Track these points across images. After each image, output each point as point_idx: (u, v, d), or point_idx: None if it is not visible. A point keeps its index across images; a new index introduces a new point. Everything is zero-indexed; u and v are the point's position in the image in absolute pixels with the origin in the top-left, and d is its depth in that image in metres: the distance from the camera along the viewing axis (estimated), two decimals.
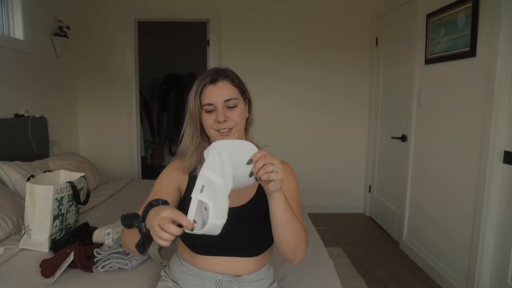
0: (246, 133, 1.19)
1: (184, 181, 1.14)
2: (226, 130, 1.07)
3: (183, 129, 1.13)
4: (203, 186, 0.80)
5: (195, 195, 0.80)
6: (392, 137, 3.18)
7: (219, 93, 1.06)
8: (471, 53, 2.11)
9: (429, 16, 2.56)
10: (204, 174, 0.81)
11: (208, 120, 1.08)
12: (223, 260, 1.12)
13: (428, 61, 2.60)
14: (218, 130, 1.08)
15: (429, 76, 2.62)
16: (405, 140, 2.98)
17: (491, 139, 1.94)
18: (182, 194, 1.15)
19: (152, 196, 1.07)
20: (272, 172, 0.86)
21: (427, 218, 2.62)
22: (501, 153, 1.93)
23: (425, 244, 2.63)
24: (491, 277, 2.01)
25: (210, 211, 0.76)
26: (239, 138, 1.11)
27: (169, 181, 1.14)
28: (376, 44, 3.63)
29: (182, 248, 1.19)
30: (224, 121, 1.06)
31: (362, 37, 3.75)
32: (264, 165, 0.86)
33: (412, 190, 2.87)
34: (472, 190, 2.11)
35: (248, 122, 1.17)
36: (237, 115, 1.08)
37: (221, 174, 0.82)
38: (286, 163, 1.17)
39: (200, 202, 0.80)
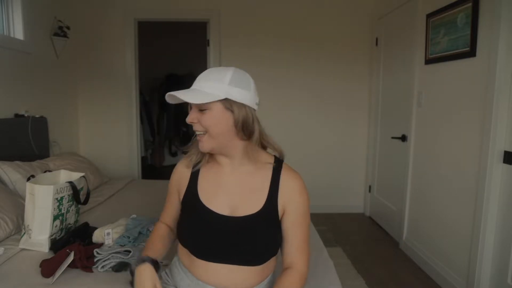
0: (236, 143, 1.04)
1: (185, 179, 1.15)
2: (200, 133, 1.01)
3: None
4: None
5: None
6: (392, 137, 3.18)
7: None
8: (471, 53, 2.11)
9: (429, 16, 2.56)
10: None
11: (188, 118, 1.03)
12: (224, 269, 1.04)
13: (428, 61, 2.60)
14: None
15: (429, 76, 2.62)
16: (405, 140, 2.98)
17: (491, 139, 1.94)
18: (184, 190, 1.14)
19: (167, 201, 1.23)
20: None
21: (427, 218, 2.62)
22: (501, 153, 1.93)
23: (425, 244, 2.63)
24: (491, 277, 2.01)
25: None
26: (215, 147, 1.02)
27: (172, 188, 1.21)
28: (376, 44, 3.63)
29: (183, 252, 1.13)
30: (192, 123, 1.00)
31: (362, 37, 3.75)
32: None
33: (412, 190, 2.87)
34: (472, 190, 2.11)
35: (237, 129, 1.00)
36: (207, 120, 0.97)
37: None
38: (297, 174, 1.10)
39: None
